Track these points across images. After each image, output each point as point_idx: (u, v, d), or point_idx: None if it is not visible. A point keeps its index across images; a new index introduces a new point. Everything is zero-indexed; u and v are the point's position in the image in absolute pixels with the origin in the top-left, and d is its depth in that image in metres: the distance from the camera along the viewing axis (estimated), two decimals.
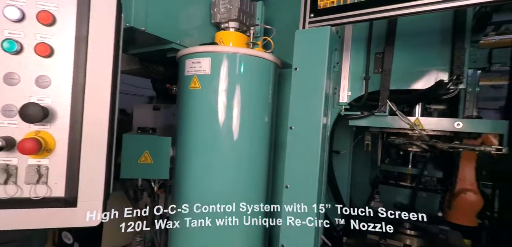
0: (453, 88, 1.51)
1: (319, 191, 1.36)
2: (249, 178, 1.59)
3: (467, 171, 2.20)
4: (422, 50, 1.68)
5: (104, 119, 0.81)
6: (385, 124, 1.76)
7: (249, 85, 1.56)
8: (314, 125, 1.32)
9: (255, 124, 1.60)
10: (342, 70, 1.90)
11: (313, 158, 1.32)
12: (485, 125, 1.50)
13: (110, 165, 0.91)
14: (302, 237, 1.34)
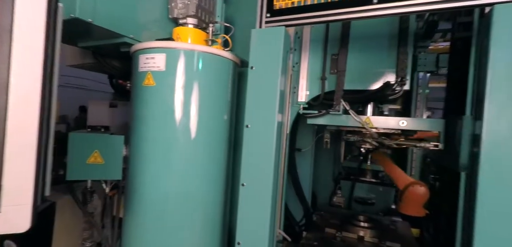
0: (398, 89, 1.63)
1: (274, 189, 1.38)
2: (207, 177, 1.57)
3: (395, 168, 2.41)
4: (373, 53, 1.78)
5: (32, 118, 0.74)
6: (340, 122, 1.84)
7: (207, 83, 1.54)
8: (269, 124, 1.34)
9: (214, 123, 1.59)
10: (300, 70, 1.96)
11: (268, 156, 1.35)
12: (425, 123, 1.63)
13: (44, 167, 0.84)
14: (257, 235, 1.36)
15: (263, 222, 1.35)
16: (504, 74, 0.95)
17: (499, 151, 0.95)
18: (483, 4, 1.01)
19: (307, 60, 1.94)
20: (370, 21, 1.78)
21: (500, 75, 0.96)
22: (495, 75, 0.96)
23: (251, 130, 1.38)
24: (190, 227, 1.49)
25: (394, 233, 2.23)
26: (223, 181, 1.67)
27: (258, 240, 1.36)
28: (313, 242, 2.01)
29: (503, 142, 0.94)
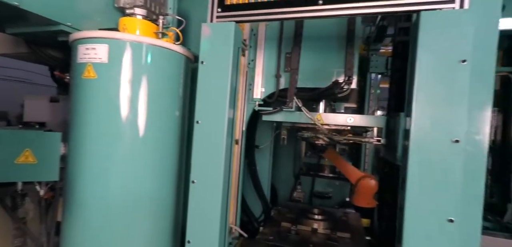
0: (346, 88, 1.72)
1: (225, 185, 1.37)
2: (157, 176, 1.51)
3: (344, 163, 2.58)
4: (324, 53, 1.86)
5: None
6: (293, 118, 1.90)
7: (156, 78, 1.48)
8: (219, 119, 1.33)
9: (164, 119, 1.53)
10: (256, 67, 1.97)
11: (218, 153, 1.33)
12: (369, 120, 1.75)
13: None
14: (208, 232, 1.34)
15: (214, 220, 1.33)
16: (428, 75, 1.05)
17: (424, 143, 1.05)
18: (413, 10, 1.11)
19: (262, 57, 1.96)
20: (320, 23, 1.86)
21: (424, 75, 1.05)
22: (420, 76, 1.06)
23: (201, 126, 1.36)
24: (138, 230, 1.42)
25: (345, 224, 2.36)
26: (175, 179, 1.62)
27: (209, 238, 1.34)
28: (269, 237, 2.05)
29: (427, 136, 1.04)
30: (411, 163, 1.05)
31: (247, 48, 1.96)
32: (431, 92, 1.04)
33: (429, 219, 1.02)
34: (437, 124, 1.02)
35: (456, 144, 1.01)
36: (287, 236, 2.08)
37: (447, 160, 1.01)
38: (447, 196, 1.01)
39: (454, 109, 1.01)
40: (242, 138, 2.02)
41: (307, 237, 2.09)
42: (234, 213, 2.02)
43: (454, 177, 1.01)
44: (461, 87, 0.99)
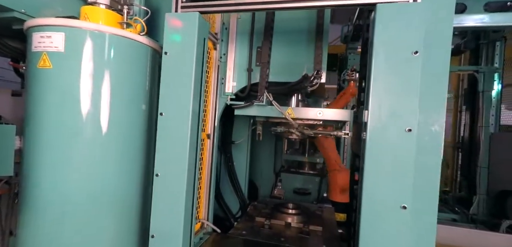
0: (315, 82, 1.74)
1: (190, 179, 1.35)
2: (121, 171, 1.46)
3: (330, 152, 2.60)
4: (295, 47, 1.87)
5: None
6: (265, 113, 1.90)
7: (120, 70, 1.43)
8: (183, 112, 1.31)
9: (129, 113, 1.48)
10: (228, 61, 1.96)
11: (183, 145, 1.31)
12: (338, 113, 1.78)
13: None
14: (172, 227, 1.31)
15: (178, 214, 1.31)
16: (383, 67, 1.08)
17: (379, 134, 1.07)
18: (371, 3, 1.14)
19: (234, 51, 1.95)
20: (290, 17, 1.87)
21: (380, 68, 1.08)
22: (376, 68, 1.09)
23: (165, 118, 1.33)
24: (100, 228, 1.37)
25: (319, 218, 2.40)
26: (143, 175, 1.58)
27: (173, 232, 1.32)
28: (242, 232, 2.05)
29: (382, 126, 1.07)
30: (367, 153, 1.08)
31: (219, 42, 1.94)
32: (386, 84, 1.07)
33: (383, 206, 1.04)
34: (391, 115, 1.05)
35: (409, 133, 1.04)
36: (260, 231, 2.08)
37: (400, 149, 1.04)
38: (400, 184, 1.04)
39: (407, 99, 1.04)
40: (215, 133, 2.00)
41: (280, 231, 2.11)
42: (206, 208, 2.00)
43: (407, 165, 1.04)
44: (413, 78, 1.03)
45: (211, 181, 2.02)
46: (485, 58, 3.52)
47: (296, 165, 4.41)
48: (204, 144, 1.93)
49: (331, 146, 2.43)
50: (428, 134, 1.20)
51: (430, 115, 1.20)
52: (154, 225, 1.34)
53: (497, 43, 3.44)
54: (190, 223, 1.40)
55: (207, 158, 1.96)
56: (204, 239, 1.90)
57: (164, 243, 1.32)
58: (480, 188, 3.23)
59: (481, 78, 3.34)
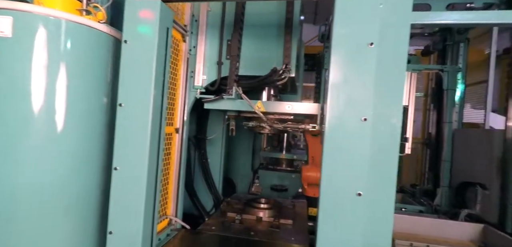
0: (284, 76, 1.75)
1: (151, 173, 1.31)
2: (79, 168, 1.39)
3: (310, 149, 2.65)
4: (266, 41, 1.87)
5: None
6: (235, 107, 1.88)
7: (77, 60, 1.35)
8: (143, 103, 1.26)
9: (88, 106, 1.40)
10: (197, 54, 1.92)
11: (143, 137, 1.27)
12: (307, 107, 1.80)
13: None
14: (131, 223, 1.27)
15: (137, 209, 1.27)
16: (340, 59, 1.10)
17: (337, 124, 1.09)
18: None
19: (203, 44, 1.92)
20: (261, 11, 1.87)
21: (337, 60, 1.10)
22: (334, 61, 1.10)
23: (124, 109, 1.28)
24: (54, 228, 1.29)
25: (290, 212, 2.42)
26: (103, 171, 1.50)
27: (132, 229, 1.27)
28: (212, 227, 2.03)
29: (339, 117, 1.09)
30: (326, 143, 1.09)
31: (188, 34, 1.90)
32: (343, 75, 1.09)
33: (340, 193, 1.07)
34: (348, 105, 1.07)
35: (364, 122, 1.07)
36: (231, 226, 2.07)
37: (356, 138, 1.06)
38: (356, 172, 1.06)
39: (363, 90, 1.07)
40: (184, 127, 1.96)
41: (251, 225, 2.11)
42: (174, 204, 1.96)
43: (363, 153, 1.07)
44: (369, 69, 1.05)
45: (180, 176, 1.98)
46: (450, 58, 3.71)
47: (274, 162, 4.45)
48: (173, 139, 1.88)
49: (311, 143, 2.49)
50: (387, 127, 1.24)
51: (389, 108, 1.23)
52: (112, 221, 1.29)
53: (461, 44, 3.64)
54: (151, 219, 1.36)
55: (175, 152, 1.92)
56: (171, 235, 1.86)
57: (123, 239, 1.27)
58: (443, 181, 3.41)
59: (446, 76, 3.52)
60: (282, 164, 4.34)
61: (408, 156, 5.29)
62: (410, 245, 1.85)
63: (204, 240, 1.82)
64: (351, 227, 1.05)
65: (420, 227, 2.39)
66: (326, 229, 1.07)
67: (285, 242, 1.83)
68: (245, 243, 1.80)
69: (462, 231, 2.37)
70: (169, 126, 1.80)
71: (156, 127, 1.31)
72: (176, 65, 1.81)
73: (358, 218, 1.05)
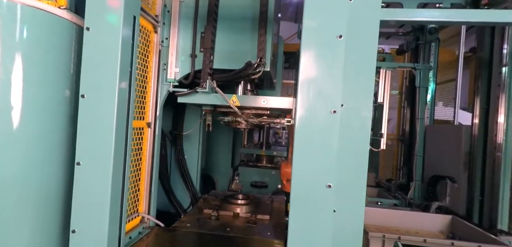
0: (258, 70, 1.73)
1: (117, 169, 1.25)
2: (37, 163, 1.29)
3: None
4: (241, 34, 1.85)
5: None
6: (209, 101, 1.84)
7: (35, 49, 1.26)
8: (108, 95, 1.20)
9: (49, 99, 1.30)
10: (170, 46, 1.86)
11: (108, 130, 1.20)
12: (281, 101, 1.79)
13: None
14: (95, 221, 1.20)
15: (102, 206, 1.20)
16: (310, 52, 1.09)
17: (306, 117, 1.09)
18: None
19: (176, 36, 1.86)
20: (235, 4, 1.84)
21: (307, 53, 1.09)
22: (304, 54, 1.10)
23: (87, 101, 1.21)
24: (12, 229, 1.20)
25: (268, 207, 2.41)
26: (67, 168, 1.41)
27: (97, 227, 1.20)
28: (187, 224, 1.98)
29: (308, 110, 1.09)
30: (296, 136, 1.08)
31: (160, 25, 1.83)
32: (313, 67, 1.08)
33: (311, 185, 1.06)
34: (318, 97, 1.07)
35: (334, 114, 1.07)
36: (207, 222, 2.03)
37: (326, 130, 1.07)
38: (326, 164, 1.07)
39: (332, 82, 1.07)
40: (157, 121, 1.90)
41: (227, 221, 2.08)
42: (146, 201, 1.89)
43: (332, 146, 1.07)
44: (338, 61, 1.06)
45: (153, 172, 1.91)
46: (423, 57, 3.86)
47: (254, 159, 4.44)
48: (144, 133, 1.81)
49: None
50: (358, 119, 1.25)
51: (359, 101, 1.25)
52: (76, 219, 1.22)
53: (432, 44, 3.79)
54: (119, 217, 1.29)
55: (147, 148, 1.85)
56: (144, 233, 1.79)
57: (87, 238, 1.20)
58: (416, 175, 3.55)
59: (418, 74, 3.66)
60: (262, 161, 4.35)
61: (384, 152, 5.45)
62: (383, 236, 1.90)
63: (178, 238, 1.77)
64: (322, 218, 1.05)
65: (393, 220, 2.47)
66: (297, 221, 1.07)
67: (260, 237, 1.82)
68: (220, 239, 1.77)
69: (432, 222, 2.47)
70: (140, 120, 1.73)
71: (122, 120, 1.25)
72: (147, 56, 1.74)
73: (328, 209, 1.05)
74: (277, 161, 4.33)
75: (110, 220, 1.22)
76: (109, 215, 1.21)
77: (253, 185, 3.80)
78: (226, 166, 3.65)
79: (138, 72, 1.65)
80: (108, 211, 1.20)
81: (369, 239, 1.93)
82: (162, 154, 2.54)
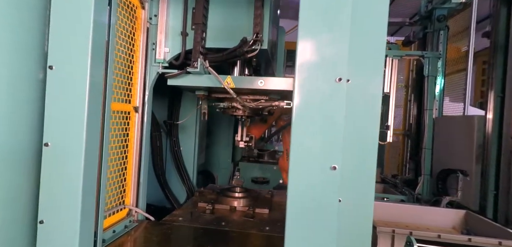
0: (255, 47, 1.57)
1: (91, 152, 1.09)
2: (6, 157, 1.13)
3: (285, 142, 2.52)
4: (235, 9, 1.69)
5: None
6: (202, 83, 1.68)
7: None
8: (79, 65, 1.05)
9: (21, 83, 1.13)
10: (159, 23, 1.71)
11: (79, 108, 1.05)
12: (279, 82, 1.62)
13: None
14: (65, 211, 1.05)
15: (73, 194, 1.05)
16: (310, 13, 0.93)
17: (307, 86, 0.93)
18: None
19: (165, 12, 1.71)
20: None
21: (306, 13, 0.93)
22: (303, 14, 0.93)
23: (55, 73, 1.06)
24: None
25: (267, 201, 2.26)
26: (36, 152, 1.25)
27: (67, 218, 1.05)
28: (179, 218, 1.83)
29: (310, 77, 0.93)
30: (295, 108, 0.92)
31: (148, 0, 1.68)
32: (313, 27, 0.92)
33: (312, 167, 0.90)
34: (319, 62, 0.91)
35: (339, 83, 0.90)
36: (201, 216, 1.88)
37: (329, 101, 0.90)
38: (329, 140, 0.90)
39: (336, 45, 0.90)
40: (145, 106, 1.74)
41: (223, 215, 1.93)
42: (134, 193, 1.73)
43: (338, 120, 0.91)
44: (343, 20, 0.89)
45: (142, 162, 1.76)
46: (431, 45, 3.67)
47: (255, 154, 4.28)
48: (131, 118, 1.66)
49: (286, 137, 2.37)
50: (366, 97, 1.09)
51: (368, 76, 1.08)
52: (43, 209, 1.07)
53: (441, 32, 3.60)
54: (94, 207, 1.14)
55: (135, 135, 1.70)
56: (130, 227, 1.64)
57: (56, 229, 1.05)
58: (424, 169, 3.37)
59: (426, 63, 3.47)
60: (263, 156, 4.20)
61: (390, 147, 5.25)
62: (392, 231, 1.73)
63: (166, 232, 1.62)
64: (325, 207, 0.89)
65: (401, 215, 2.30)
66: (296, 211, 0.90)
67: (257, 232, 1.66)
68: (213, 234, 1.62)
69: (444, 218, 2.30)
70: (125, 104, 1.58)
71: (96, 99, 1.10)
72: (133, 34, 1.59)
73: (333, 196, 0.88)
74: (278, 156, 4.18)
75: (82, 209, 1.06)
76: (82, 204, 1.06)
77: (254, 180, 3.65)
78: (226, 162, 3.51)
79: (123, 51, 1.50)
80: (80, 198, 1.05)
81: (377, 234, 1.76)
82: (157, 146, 2.39)
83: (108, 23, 1.16)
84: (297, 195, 0.90)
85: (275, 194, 2.53)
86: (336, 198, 0.90)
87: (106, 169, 1.24)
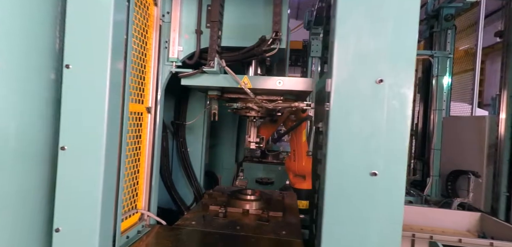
0: (274, 46, 1.51)
1: (111, 156, 1.03)
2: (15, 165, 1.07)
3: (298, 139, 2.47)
4: (251, 6, 1.63)
5: None
6: (217, 82, 1.63)
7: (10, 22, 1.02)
8: (98, 63, 0.99)
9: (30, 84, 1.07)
10: (172, 21, 1.65)
11: (98, 108, 0.99)
12: (299, 83, 1.57)
13: None
14: (84, 218, 0.99)
15: (93, 199, 0.99)
16: (345, 32, 0.87)
17: (345, 89, 0.88)
18: None
19: (179, 9, 1.65)
20: None
21: (342, 36, 0.88)
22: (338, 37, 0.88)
23: (73, 72, 0.99)
24: None
25: (280, 204, 2.20)
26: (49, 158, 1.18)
27: (86, 225, 1.00)
28: (191, 222, 1.77)
29: (349, 79, 0.87)
30: (332, 111, 0.87)
31: None
32: (353, 23, 0.87)
33: (350, 173, 0.85)
34: (360, 62, 0.85)
35: (379, 85, 0.85)
36: (214, 220, 1.82)
37: (370, 104, 0.85)
38: (369, 145, 0.85)
39: (377, 42, 0.85)
40: (158, 107, 1.68)
41: (236, 219, 1.87)
42: (146, 196, 1.67)
43: (378, 124, 0.86)
44: (386, 12, 0.84)
45: (154, 164, 1.70)
46: (438, 45, 3.64)
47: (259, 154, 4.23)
48: (143, 119, 1.60)
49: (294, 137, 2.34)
50: (397, 97, 1.04)
51: (399, 75, 1.03)
52: (60, 216, 1.01)
53: (448, 31, 3.57)
54: (113, 213, 1.09)
55: (147, 136, 1.64)
56: (143, 232, 1.58)
57: (74, 238, 1.00)
58: (433, 170, 3.34)
59: (435, 62, 3.44)
60: (267, 156, 4.14)
61: None
62: (413, 235, 1.69)
63: (182, 237, 1.56)
64: (365, 215, 0.84)
65: (415, 217, 2.26)
66: (334, 219, 0.85)
67: (275, 237, 1.61)
68: (230, 239, 1.56)
69: (458, 220, 2.26)
70: (138, 104, 1.52)
71: (116, 98, 1.04)
72: (146, 32, 1.53)
73: (373, 204, 0.83)
74: (283, 157, 4.13)
75: (102, 216, 1.01)
76: (101, 210, 1.00)
77: (258, 181, 3.60)
78: (230, 162, 3.45)
79: (136, 49, 1.44)
80: (100, 205, 0.99)
81: None
82: (163, 146, 2.33)
83: (127, 20, 1.10)
84: (335, 203, 0.85)
85: (285, 196, 2.48)
86: (377, 204, 0.85)
87: (124, 174, 1.18)
